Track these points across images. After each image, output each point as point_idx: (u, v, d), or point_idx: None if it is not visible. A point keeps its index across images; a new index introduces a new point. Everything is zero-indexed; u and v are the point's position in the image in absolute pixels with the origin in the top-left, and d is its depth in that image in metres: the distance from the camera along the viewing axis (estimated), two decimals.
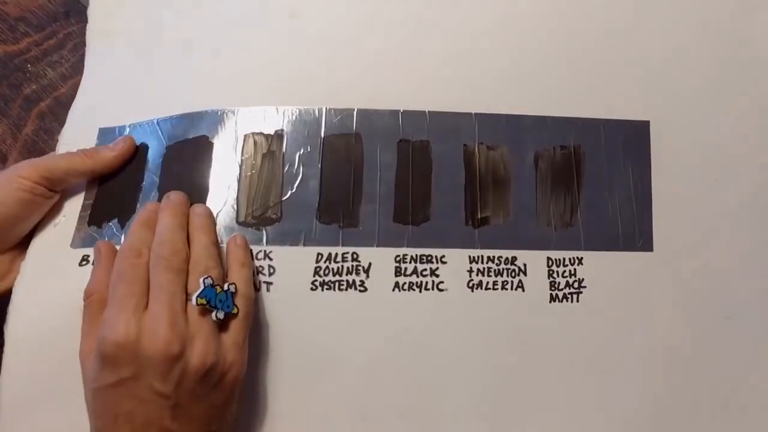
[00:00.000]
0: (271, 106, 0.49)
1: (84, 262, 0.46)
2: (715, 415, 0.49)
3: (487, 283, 0.48)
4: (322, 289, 0.46)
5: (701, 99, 0.53)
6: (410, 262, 0.48)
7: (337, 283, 0.47)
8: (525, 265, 0.49)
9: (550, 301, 0.49)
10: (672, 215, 0.51)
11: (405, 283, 0.47)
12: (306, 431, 0.45)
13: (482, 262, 0.48)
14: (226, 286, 0.41)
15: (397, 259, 0.48)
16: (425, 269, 0.48)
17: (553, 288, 0.49)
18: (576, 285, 0.49)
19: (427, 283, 0.48)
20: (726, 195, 0.52)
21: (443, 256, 0.48)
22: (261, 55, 0.51)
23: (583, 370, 0.48)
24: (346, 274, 0.47)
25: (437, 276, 0.48)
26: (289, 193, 0.47)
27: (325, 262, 0.47)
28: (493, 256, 0.49)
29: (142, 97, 0.52)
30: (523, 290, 0.49)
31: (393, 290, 0.47)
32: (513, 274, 0.49)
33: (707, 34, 0.54)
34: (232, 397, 0.41)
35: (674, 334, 0.50)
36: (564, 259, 0.49)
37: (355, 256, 0.47)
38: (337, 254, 0.47)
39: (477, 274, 0.48)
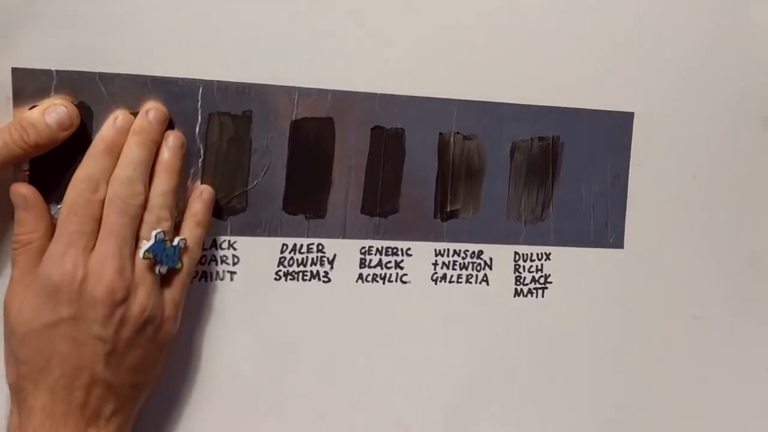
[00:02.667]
0: (237, 81, 0.46)
1: None
2: (679, 413, 0.51)
3: (452, 276, 0.48)
4: (286, 280, 0.47)
5: (686, 92, 0.51)
6: (375, 254, 0.48)
7: (300, 274, 0.47)
8: (491, 259, 0.49)
9: (515, 296, 0.49)
10: (646, 212, 0.51)
11: (369, 274, 0.48)
12: (268, 421, 0.47)
13: (448, 255, 0.48)
14: (176, 241, 0.41)
15: (363, 251, 0.47)
16: (390, 261, 0.48)
17: (518, 283, 0.49)
18: (542, 280, 0.49)
19: (390, 275, 0.48)
20: (702, 192, 0.51)
21: (409, 249, 0.48)
22: (229, 20, 0.45)
23: (546, 365, 0.50)
24: (311, 265, 0.47)
25: (402, 268, 0.48)
26: (255, 182, 0.46)
27: (289, 252, 0.47)
28: (459, 250, 0.48)
29: (68, 32, 0.42)
30: (488, 284, 0.49)
31: (357, 282, 0.47)
32: (478, 268, 0.49)
33: (696, 25, 0.50)
34: (163, 352, 0.42)
35: (640, 333, 0.51)
36: (531, 254, 0.49)
37: (320, 247, 0.47)
38: (302, 245, 0.47)
39: (441, 267, 0.48)
